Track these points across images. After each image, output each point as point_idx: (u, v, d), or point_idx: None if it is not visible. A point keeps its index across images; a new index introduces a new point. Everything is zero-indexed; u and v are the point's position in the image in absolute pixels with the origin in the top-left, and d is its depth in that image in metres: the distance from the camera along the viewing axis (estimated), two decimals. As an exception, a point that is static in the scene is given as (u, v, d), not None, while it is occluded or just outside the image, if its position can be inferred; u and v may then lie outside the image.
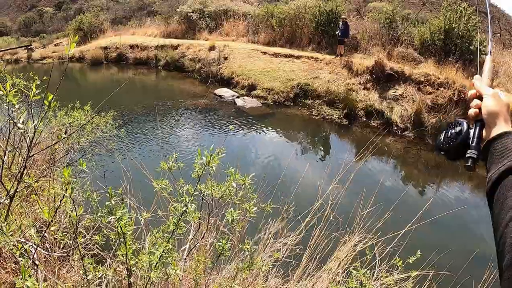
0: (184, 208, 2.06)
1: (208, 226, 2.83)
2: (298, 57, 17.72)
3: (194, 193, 2.11)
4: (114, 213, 2.08)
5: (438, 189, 10.07)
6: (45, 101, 2.01)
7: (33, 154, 2.63)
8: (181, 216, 2.10)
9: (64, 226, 3.63)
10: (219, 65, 18.64)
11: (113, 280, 2.98)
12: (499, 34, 25.37)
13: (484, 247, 5.90)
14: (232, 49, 19.63)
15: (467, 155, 1.19)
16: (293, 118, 14.18)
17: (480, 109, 1.22)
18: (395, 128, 12.91)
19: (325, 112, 14.37)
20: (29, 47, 31.49)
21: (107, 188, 2.17)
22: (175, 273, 2.11)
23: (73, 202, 2.13)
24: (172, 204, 2.17)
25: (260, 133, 12.53)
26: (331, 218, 4.08)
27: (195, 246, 2.85)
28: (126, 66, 23.34)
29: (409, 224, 3.91)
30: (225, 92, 16.14)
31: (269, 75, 16.78)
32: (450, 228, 7.44)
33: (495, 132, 1.13)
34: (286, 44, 20.38)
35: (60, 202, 2.15)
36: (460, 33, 15.78)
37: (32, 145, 2.18)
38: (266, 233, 3.95)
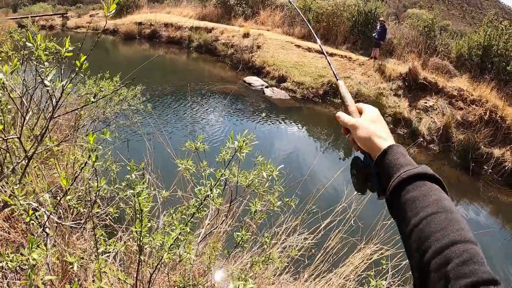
0: (208, 192, 1.96)
1: (228, 214, 2.74)
2: (331, 55, 17.45)
3: (220, 178, 2.00)
4: (134, 188, 1.99)
5: (458, 208, 9.85)
6: (77, 62, 1.92)
7: (58, 116, 2.55)
8: (204, 200, 2.00)
9: (79, 194, 3.59)
10: (251, 53, 18.51)
11: (122, 254, 2.93)
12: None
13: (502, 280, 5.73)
14: (266, 39, 19.47)
15: (378, 198, 1.17)
16: (320, 115, 14.01)
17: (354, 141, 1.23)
18: (421, 139, 12.63)
19: None
20: (64, 15, 31.84)
21: (128, 161, 2.09)
22: (187, 256, 2.03)
23: (95, 171, 2.04)
24: (195, 187, 2.07)
25: (285, 126, 12.43)
26: (352, 223, 4.02)
27: (210, 231, 2.77)
28: (158, 44, 23.38)
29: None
30: (255, 81, 16.03)
31: (301, 69, 16.59)
32: None
33: (375, 156, 1.12)
34: (321, 40, 20.05)
35: (81, 169, 2.06)
36: (498, 51, 15.38)
37: (57, 106, 2.09)
38: (283, 228, 3.89)
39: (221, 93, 14.40)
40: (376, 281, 3.02)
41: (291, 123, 12.76)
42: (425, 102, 13.80)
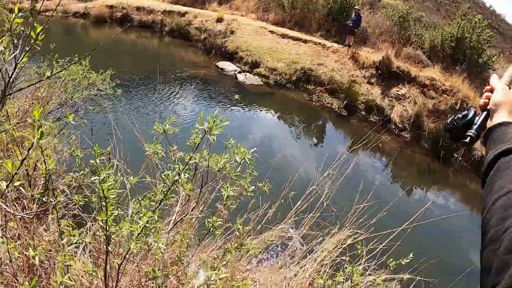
0: (176, 177, 1.87)
1: (198, 200, 2.65)
2: (305, 41, 17.42)
3: (189, 162, 1.91)
4: (98, 174, 1.88)
5: (430, 194, 10.05)
6: (32, 33, 1.76)
7: (10, 93, 2.37)
8: (172, 186, 1.91)
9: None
10: (224, 38, 18.25)
11: (91, 245, 2.81)
12: (508, 52, 25.26)
13: (475, 265, 5.84)
14: (240, 24, 19.26)
15: (468, 133, 1.29)
16: (293, 101, 14.03)
17: (489, 99, 1.31)
18: (393, 127, 12.83)
19: (325, 100, 14.23)
20: (33, -2, 30.78)
21: (94, 146, 1.96)
22: (157, 245, 1.94)
23: (42, 152, 1.90)
24: (163, 172, 1.97)
25: (257, 111, 12.40)
26: (325, 205, 3.98)
27: (181, 219, 2.67)
28: (130, 28, 22.85)
29: (404, 225, 3.79)
30: (228, 66, 15.87)
31: (274, 55, 16.49)
32: (441, 235, 7.40)
33: (496, 121, 1.19)
34: (295, 27, 19.97)
35: (28, 151, 1.88)
36: (471, 44, 15.72)
37: (11, 81, 1.93)
38: (257, 215, 3.83)
39: (193, 78, 14.13)
40: (352, 267, 2.99)
41: (263, 108, 12.71)
42: (398, 91, 13.95)
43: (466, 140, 1.28)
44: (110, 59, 10.98)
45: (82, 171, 2.09)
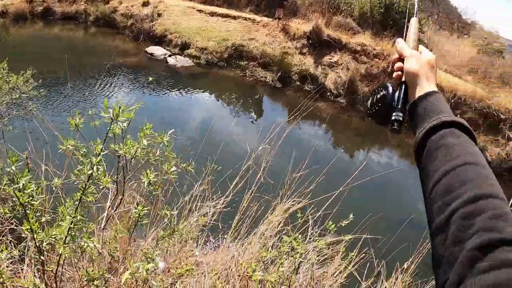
0: (90, 172, 1.83)
1: (124, 192, 2.61)
2: (235, 18, 17.25)
3: (104, 153, 1.87)
4: (17, 181, 1.82)
5: (368, 154, 10.39)
6: None
7: None
8: (88, 181, 1.87)
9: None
10: (152, 22, 17.71)
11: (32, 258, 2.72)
12: (436, 16, 26.10)
13: (416, 213, 6.14)
14: (167, 6, 18.73)
15: (392, 117, 1.18)
16: (226, 79, 13.99)
17: (403, 71, 1.23)
18: (329, 94, 13.11)
19: (259, 75, 14.28)
20: None
21: (22, 152, 1.90)
22: (90, 245, 1.91)
23: None
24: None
25: (191, 93, 12.25)
26: (262, 180, 4.00)
27: (111, 215, 2.64)
28: (53, 22, 21.78)
29: (342, 187, 3.89)
30: (157, 50, 15.49)
31: (204, 34, 16.25)
32: (382, 192, 7.67)
33: (417, 94, 1.12)
34: (224, 4, 19.71)
35: None
36: (399, 9, 16.08)
37: None
38: (192, 197, 3.80)
39: (122, 67, 13.68)
40: (289, 236, 3.02)
41: (196, 89, 12.60)
42: (330, 58, 14.16)
43: (394, 127, 1.18)
44: (32, 58, 10.50)
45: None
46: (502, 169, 12.27)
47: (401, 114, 1.17)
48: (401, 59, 1.27)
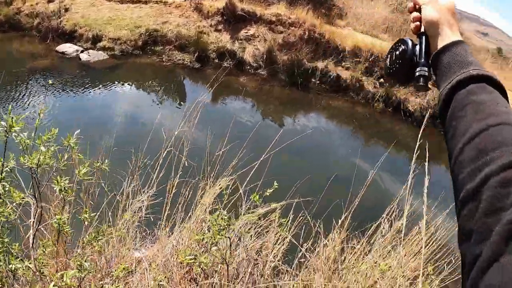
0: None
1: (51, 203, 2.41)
2: (146, 2, 16.64)
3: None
4: None
5: (293, 120, 10.49)
6: None
7: None
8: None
9: None
10: (59, 18, 16.70)
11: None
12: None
13: (341, 170, 6.20)
14: (74, -1, 17.83)
15: (417, 73, 1.06)
16: (144, 67, 13.49)
17: (420, 21, 1.10)
18: (248, 67, 13.06)
19: (176, 58, 13.89)
20: None
21: None
22: (18, 266, 1.70)
23: None
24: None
25: (109, 88, 11.64)
26: (186, 164, 3.85)
27: (35, 231, 2.39)
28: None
29: (263, 155, 3.80)
30: (68, 48, 14.47)
31: (115, 23, 15.53)
32: (308, 155, 7.75)
33: (440, 43, 1.01)
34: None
35: None
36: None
37: None
38: (124, 195, 3.60)
39: (32, 72, 12.62)
40: (219, 214, 2.92)
41: (115, 83, 12.01)
42: (246, 32, 14.09)
43: (420, 83, 1.05)
44: None
45: None
46: (424, 116, 12.73)
47: (426, 69, 1.05)
48: (417, 8, 1.14)
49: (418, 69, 1.06)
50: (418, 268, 3.88)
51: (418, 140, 2.87)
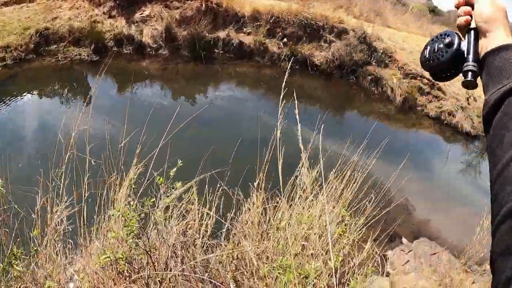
0: None
1: None
2: (31, 1, 15.56)
3: None
4: None
5: (201, 93, 10.49)
6: None
7: None
8: None
9: None
10: None
11: None
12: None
13: (249, 134, 6.26)
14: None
15: (465, 68, 1.00)
16: (40, 71, 12.49)
17: (471, 16, 1.05)
18: (149, 49, 12.68)
19: (72, 54, 12.95)
20: None
21: None
22: None
23: None
24: None
25: (6, 104, 10.41)
26: (93, 163, 3.67)
27: None
28: None
29: (165, 133, 3.69)
30: (-49, 70, 13.08)
31: (2, 30, 14.45)
32: (217, 125, 7.76)
33: (494, 43, 0.96)
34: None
35: None
36: None
37: None
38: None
39: None
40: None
41: (12, 97, 10.86)
42: (141, 14, 13.65)
43: (469, 79, 0.99)
44: None
45: None
46: (332, 68, 13.19)
47: (475, 64, 0.99)
48: (467, 2, 1.08)
49: (466, 64, 1.02)
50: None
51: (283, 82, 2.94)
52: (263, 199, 3.92)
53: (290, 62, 4.83)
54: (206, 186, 3.76)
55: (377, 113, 12.78)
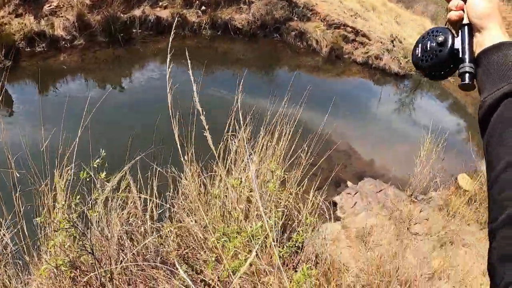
0: None
1: None
2: None
3: None
4: None
5: (123, 77, 10.23)
6: None
7: None
8: None
9: None
10: None
11: None
12: None
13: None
14: None
15: (461, 70, 0.96)
16: None
17: (463, 10, 1.01)
18: (63, 42, 11.93)
19: None
20: None
21: None
22: None
23: None
24: None
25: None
26: (17, 175, 3.44)
27: None
28: None
29: (82, 124, 3.50)
30: None
31: None
32: (139, 107, 7.63)
33: (489, 40, 0.92)
34: None
35: None
36: None
37: None
38: None
39: None
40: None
41: None
42: (49, 6, 12.85)
43: (466, 82, 0.93)
44: None
45: None
46: (254, 29, 13.26)
47: (472, 65, 0.94)
48: None
49: (462, 65, 0.97)
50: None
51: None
52: (197, 170, 3.86)
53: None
54: (139, 170, 3.66)
55: (306, 66, 12.97)
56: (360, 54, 13.91)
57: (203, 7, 13.19)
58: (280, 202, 3.89)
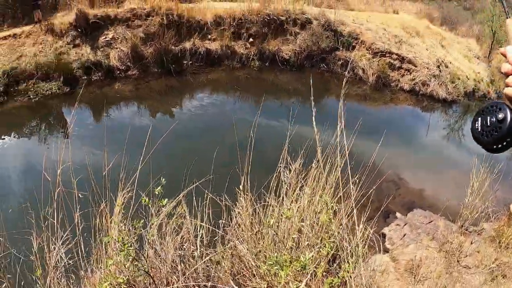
0: None
1: None
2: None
3: None
4: None
5: (176, 107, 10.42)
6: None
7: None
8: None
9: None
10: None
11: None
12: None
13: (227, 138, 6.29)
14: None
15: (505, 143, 1.02)
16: (12, 112, 12.02)
17: None
18: (118, 71, 12.55)
19: (43, 89, 12.57)
20: None
21: None
22: None
23: None
24: None
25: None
26: (80, 196, 3.65)
27: None
28: None
29: (143, 152, 3.69)
30: None
31: (-31, 77, 14.19)
32: (196, 136, 7.74)
33: None
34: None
35: None
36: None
37: None
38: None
39: None
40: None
41: None
42: (105, 37, 13.53)
43: (503, 151, 1.03)
44: None
45: None
46: (301, 59, 13.32)
47: None
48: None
49: (509, 139, 1.03)
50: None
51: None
52: (251, 200, 3.95)
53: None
54: (194, 198, 3.77)
55: (353, 95, 12.95)
56: (407, 81, 13.82)
57: (251, 39, 13.52)
58: (332, 233, 3.91)
